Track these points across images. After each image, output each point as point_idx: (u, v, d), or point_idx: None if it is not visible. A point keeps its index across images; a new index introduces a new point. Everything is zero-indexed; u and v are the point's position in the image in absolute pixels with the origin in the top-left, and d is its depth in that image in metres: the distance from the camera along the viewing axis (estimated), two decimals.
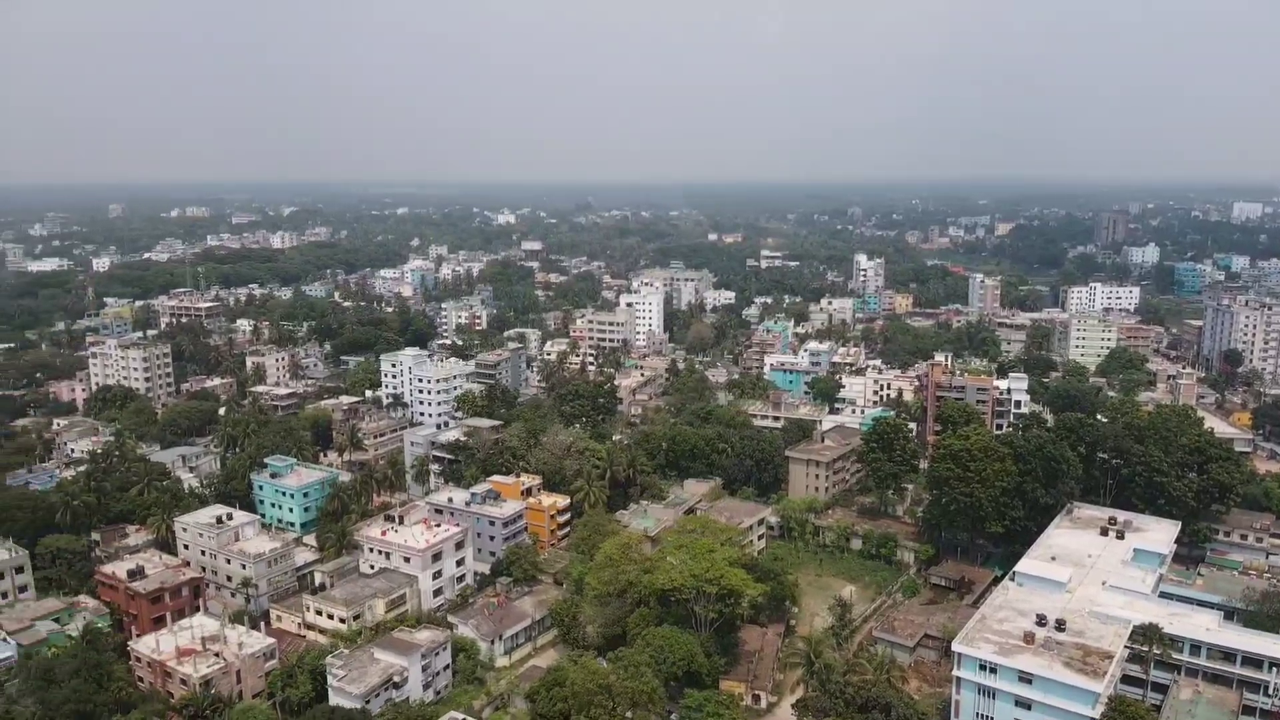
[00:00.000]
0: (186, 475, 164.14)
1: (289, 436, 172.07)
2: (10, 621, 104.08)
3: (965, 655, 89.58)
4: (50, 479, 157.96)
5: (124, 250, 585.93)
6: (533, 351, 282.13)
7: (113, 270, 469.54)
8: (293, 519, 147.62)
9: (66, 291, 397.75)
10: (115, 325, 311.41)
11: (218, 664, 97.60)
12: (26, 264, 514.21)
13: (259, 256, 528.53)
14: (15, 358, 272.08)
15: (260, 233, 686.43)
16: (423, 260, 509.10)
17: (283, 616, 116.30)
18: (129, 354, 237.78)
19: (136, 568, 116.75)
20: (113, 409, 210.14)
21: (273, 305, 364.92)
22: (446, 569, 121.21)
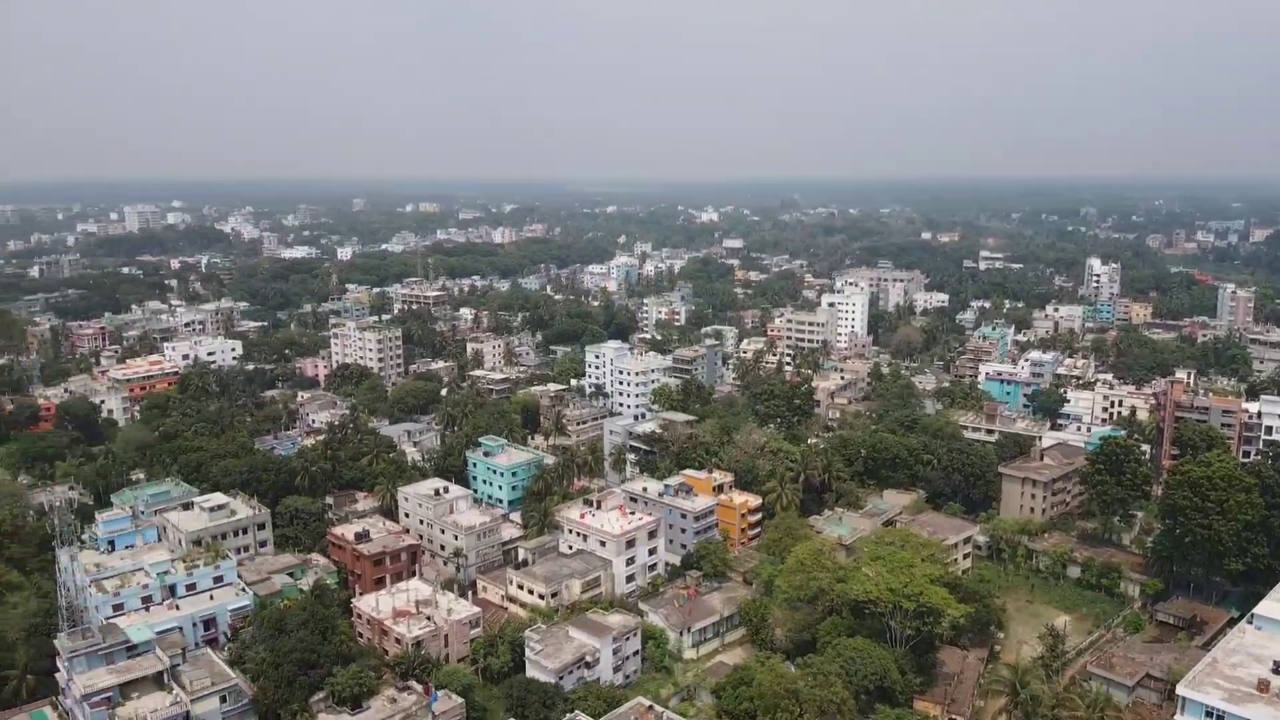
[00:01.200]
0: (410, 449, 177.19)
1: (501, 418, 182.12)
2: (251, 573, 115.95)
3: (1191, 700, 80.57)
4: (293, 446, 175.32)
5: (364, 241, 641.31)
6: (729, 349, 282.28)
7: (354, 259, 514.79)
8: (501, 496, 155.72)
9: (314, 277, 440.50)
10: (354, 309, 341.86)
11: (429, 627, 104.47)
12: (280, 251, 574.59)
13: (481, 250, 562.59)
14: (268, 336, 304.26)
15: (484, 228, 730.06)
16: (628, 257, 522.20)
17: (488, 587, 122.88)
18: (365, 336, 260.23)
19: (363, 531, 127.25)
20: (349, 385, 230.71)
21: (492, 296, 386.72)
22: (639, 557, 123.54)
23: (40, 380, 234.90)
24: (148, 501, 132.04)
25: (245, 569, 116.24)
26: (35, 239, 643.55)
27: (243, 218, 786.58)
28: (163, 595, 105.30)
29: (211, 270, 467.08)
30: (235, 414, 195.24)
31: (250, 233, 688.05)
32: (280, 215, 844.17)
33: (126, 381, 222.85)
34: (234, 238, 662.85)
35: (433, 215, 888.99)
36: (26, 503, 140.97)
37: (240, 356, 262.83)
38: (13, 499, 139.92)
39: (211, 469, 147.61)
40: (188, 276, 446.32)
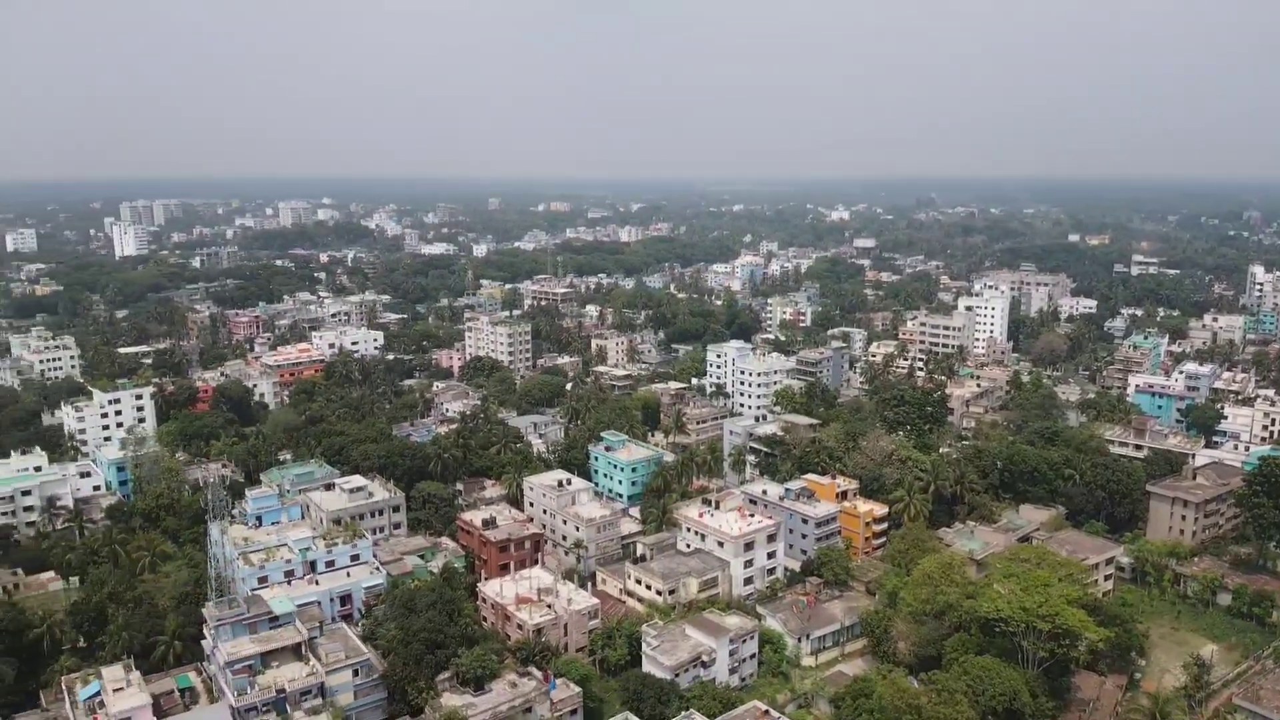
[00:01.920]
0: (536, 440, 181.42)
1: (623, 414, 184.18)
2: (385, 553, 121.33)
3: None
4: (427, 433, 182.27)
5: (499, 239, 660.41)
6: (856, 352, 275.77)
7: (489, 256, 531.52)
8: (621, 490, 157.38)
9: (451, 273, 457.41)
10: (487, 304, 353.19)
11: (549, 615, 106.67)
12: (421, 247, 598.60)
13: (608, 249, 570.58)
14: (408, 328, 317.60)
15: (610, 227, 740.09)
16: (753, 256, 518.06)
17: (607, 580, 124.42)
18: (497, 330, 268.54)
19: (490, 518, 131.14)
20: (481, 377, 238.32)
21: (616, 294, 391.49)
22: (758, 559, 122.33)
23: (199, 364, 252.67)
24: (293, 481, 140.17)
25: (380, 549, 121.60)
26: (197, 232, 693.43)
27: (386, 215, 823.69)
28: (304, 570, 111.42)
29: (357, 264, 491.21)
30: (375, 401, 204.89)
31: (393, 229, 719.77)
32: (421, 213, 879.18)
33: (277, 367, 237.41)
34: (378, 234, 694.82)
35: (563, 214, 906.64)
36: (183, 478, 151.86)
37: (381, 347, 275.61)
38: (171, 474, 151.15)
39: (352, 452, 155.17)
40: (335, 270, 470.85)
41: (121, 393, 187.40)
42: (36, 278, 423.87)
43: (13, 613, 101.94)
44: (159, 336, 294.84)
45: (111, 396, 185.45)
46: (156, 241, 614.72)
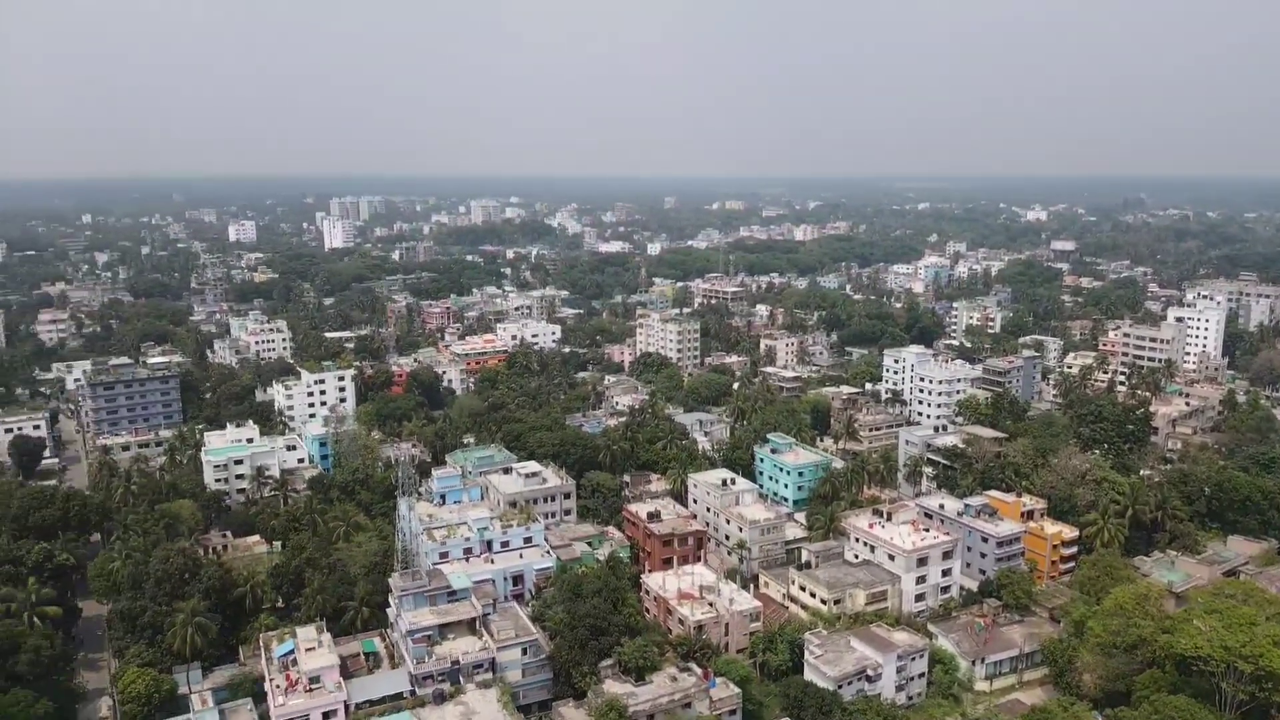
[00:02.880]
0: (701, 438, 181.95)
1: (790, 417, 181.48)
2: (555, 538, 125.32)
3: None
4: (598, 425, 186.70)
5: (672, 237, 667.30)
6: (1050, 362, 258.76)
7: (662, 254, 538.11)
8: (786, 494, 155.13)
9: (625, 270, 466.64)
10: (659, 301, 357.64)
11: (711, 613, 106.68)
12: (598, 245, 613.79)
13: (782, 248, 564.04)
14: (583, 323, 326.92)
15: (785, 225, 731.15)
16: (938, 256, 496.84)
17: (769, 584, 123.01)
18: (667, 327, 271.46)
19: (655, 511, 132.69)
20: (650, 372, 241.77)
21: (788, 293, 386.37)
22: (931, 576, 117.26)
23: (395, 350, 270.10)
24: (475, 463, 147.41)
25: (551, 533, 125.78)
26: (398, 227, 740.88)
27: (568, 214, 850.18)
28: (481, 549, 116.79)
29: (539, 261, 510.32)
30: (551, 391, 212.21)
31: (574, 227, 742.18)
32: (600, 211, 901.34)
33: (464, 356, 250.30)
34: (560, 232, 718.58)
35: (737, 212, 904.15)
36: (377, 455, 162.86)
37: (559, 340, 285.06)
38: (367, 451, 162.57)
39: (529, 439, 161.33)
40: (520, 266, 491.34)
41: (326, 374, 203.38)
42: (255, 266, 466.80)
43: (220, 572, 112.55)
44: (361, 323, 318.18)
45: (317, 377, 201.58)
46: (361, 235, 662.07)
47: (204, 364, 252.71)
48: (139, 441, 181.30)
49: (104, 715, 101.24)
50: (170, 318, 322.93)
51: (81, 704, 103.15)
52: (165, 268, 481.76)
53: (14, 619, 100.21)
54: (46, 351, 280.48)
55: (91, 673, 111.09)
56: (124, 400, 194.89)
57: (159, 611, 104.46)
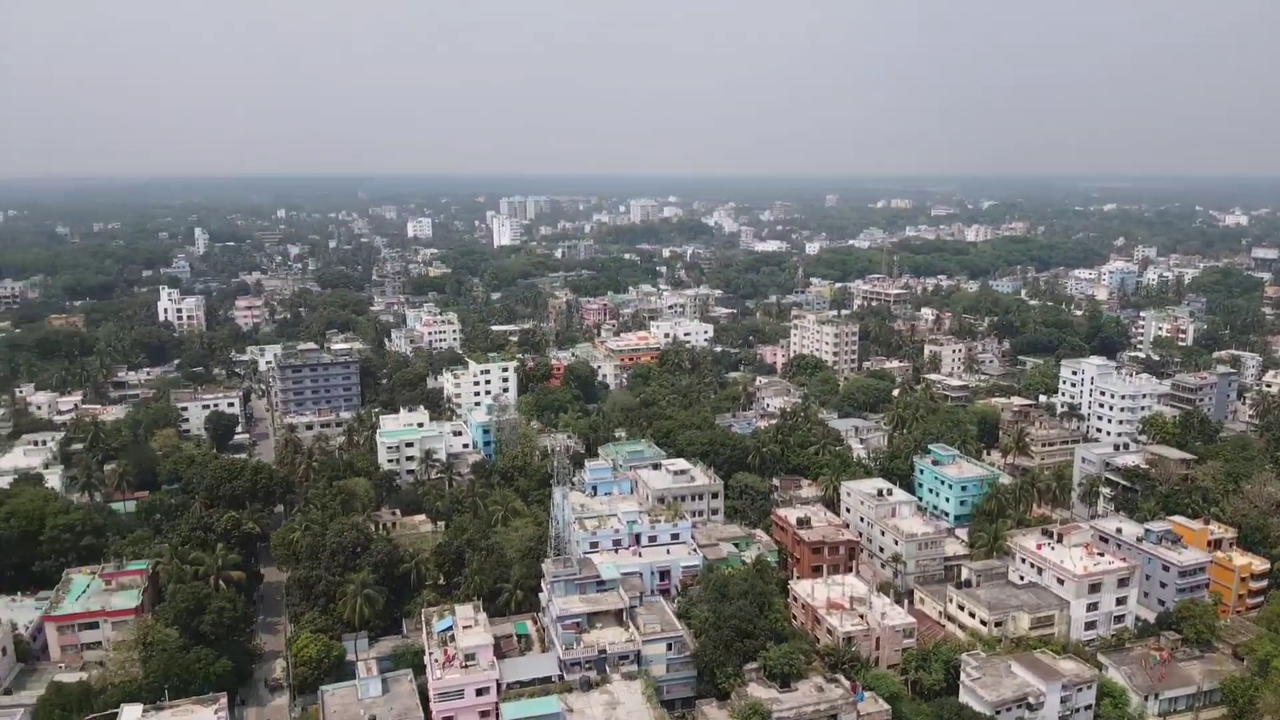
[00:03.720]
0: (856, 445, 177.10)
1: (955, 427, 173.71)
2: (702, 536, 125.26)
3: None
4: (748, 426, 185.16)
5: (832, 236, 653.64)
6: (1248, 380, 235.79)
7: (820, 254, 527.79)
8: (947, 509, 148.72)
9: (782, 269, 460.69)
10: (815, 302, 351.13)
11: (861, 626, 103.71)
12: (754, 244, 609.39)
13: (951, 249, 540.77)
14: (736, 322, 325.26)
15: (956, 225, 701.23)
16: (1124, 261, 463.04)
17: (925, 600, 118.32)
18: (823, 329, 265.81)
19: (804, 517, 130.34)
20: (803, 375, 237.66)
21: (957, 297, 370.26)
22: (1104, 604, 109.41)
23: (555, 344, 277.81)
24: (626, 457, 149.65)
25: (698, 531, 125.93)
26: (561, 226, 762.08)
27: (725, 212, 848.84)
28: (629, 541, 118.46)
29: (695, 260, 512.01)
30: (702, 390, 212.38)
31: (730, 226, 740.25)
32: (757, 210, 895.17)
33: (619, 352, 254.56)
34: (716, 230, 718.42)
35: (903, 211, 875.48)
36: (535, 444, 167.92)
37: (711, 339, 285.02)
38: (526, 440, 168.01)
39: (678, 437, 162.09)
40: (675, 265, 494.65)
41: (491, 365, 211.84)
42: (430, 261, 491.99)
43: (389, 547, 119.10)
44: (524, 318, 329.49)
45: (483, 367, 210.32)
46: (527, 233, 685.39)
47: (381, 351, 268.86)
48: (321, 421, 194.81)
49: (278, 676, 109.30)
50: (353, 307, 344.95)
51: (258, 664, 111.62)
52: (349, 260, 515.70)
53: (202, 581, 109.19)
54: (242, 335, 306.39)
55: (269, 635, 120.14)
56: (309, 382, 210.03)
57: (332, 581, 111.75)
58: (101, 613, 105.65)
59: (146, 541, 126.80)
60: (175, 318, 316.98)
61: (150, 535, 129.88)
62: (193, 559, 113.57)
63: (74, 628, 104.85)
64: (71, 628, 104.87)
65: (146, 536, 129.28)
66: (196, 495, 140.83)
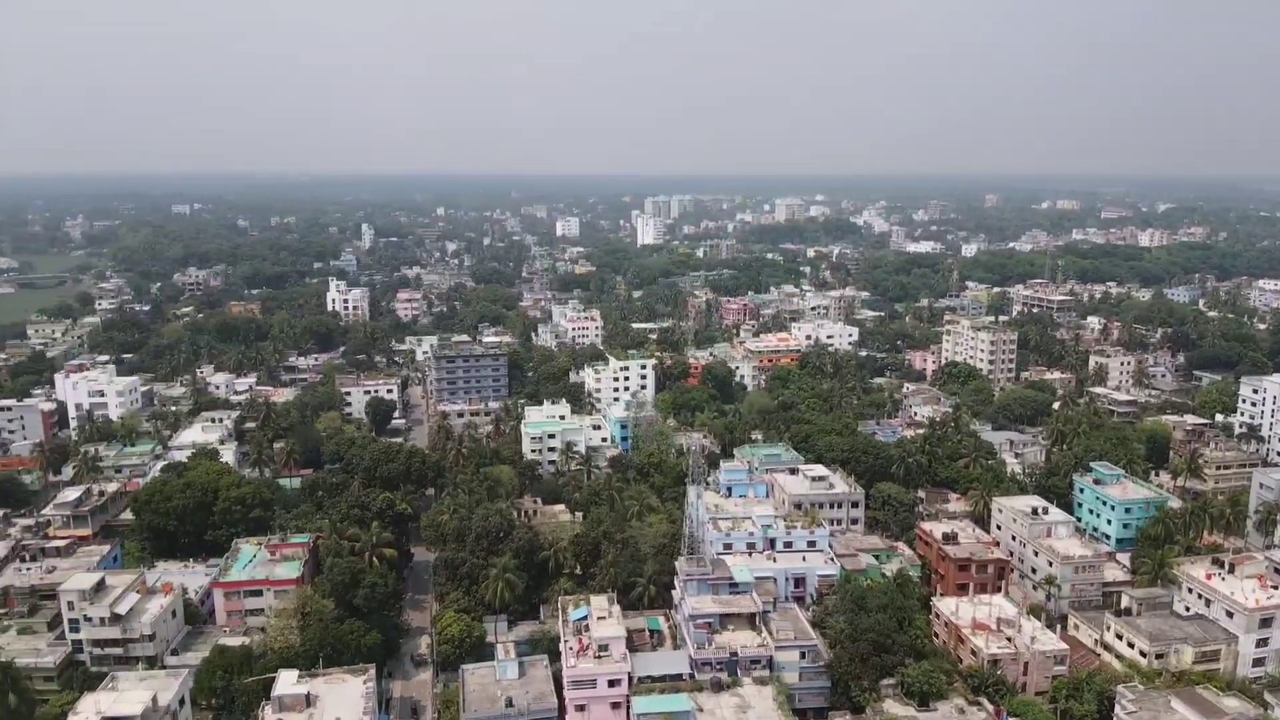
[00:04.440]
0: (1011, 459, 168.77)
1: (1120, 445, 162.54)
2: (840, 546, 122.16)
3: None
4: (893, 434, 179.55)
5: (991, 238, 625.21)
6: None
7: (978, 256, 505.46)
8: (1108, 531, 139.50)
9: (935, 272, 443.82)
10: (971, 307, 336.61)
11: (1008, 649, 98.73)
12: (906, 245, 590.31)
13: (1122, 254, 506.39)
14: (883, 326, 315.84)
15: (1128, 229, 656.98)
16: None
17: (1080, 626, 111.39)
18: (979, 335, 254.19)
19: (951, 533, 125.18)
20: (955, 383, 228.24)
21: (1127, 305, 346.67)
22: (1275, 640, 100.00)
23: (693, 343, 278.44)
24: (762, 460, 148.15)
25: (836, 540, 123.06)
26: (704, 225, 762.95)
27: (875, 211, 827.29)
28: (764, 546, 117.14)
29: (841, 260, 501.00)
30: (844, 395, 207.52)
31: (880, 226, 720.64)
32: (910, 210, 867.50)
33: (758, 353, 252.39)
34: (865, 230, 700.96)
35: (1070, 213, 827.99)
36: (671, 442, 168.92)
37: (855, 342, 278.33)
38: (662, 437, 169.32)
39: (818, 442, 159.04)
40: (820, 265, 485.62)
41: (631, 362, 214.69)
42: (576, 259, 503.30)
43: (530, 534, 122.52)
44: (664, 316, 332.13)
45: (623, 364, 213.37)
46: (670, 233, 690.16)
47: (529, 345, 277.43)
48: (471, 410, 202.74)
49: (423, 652, 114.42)
50: (503, 302, 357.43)
51: (405, 639, 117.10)
52: (502, 257, 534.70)
53: (357, 557, 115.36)
54: (402, 326, 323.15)
55: (416, 612, 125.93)
56: (461, 373, 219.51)
57: (476, 564, 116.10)
58: (265, 581, 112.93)
59: (309, 516, 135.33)
60: (342, 308, 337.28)
61: (312, 511, 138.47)
62: (350, 535, 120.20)
63: (240, 594, 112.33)
64: (237, 594, 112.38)
65: (309, 512, 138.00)
66: (355, 475, 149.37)
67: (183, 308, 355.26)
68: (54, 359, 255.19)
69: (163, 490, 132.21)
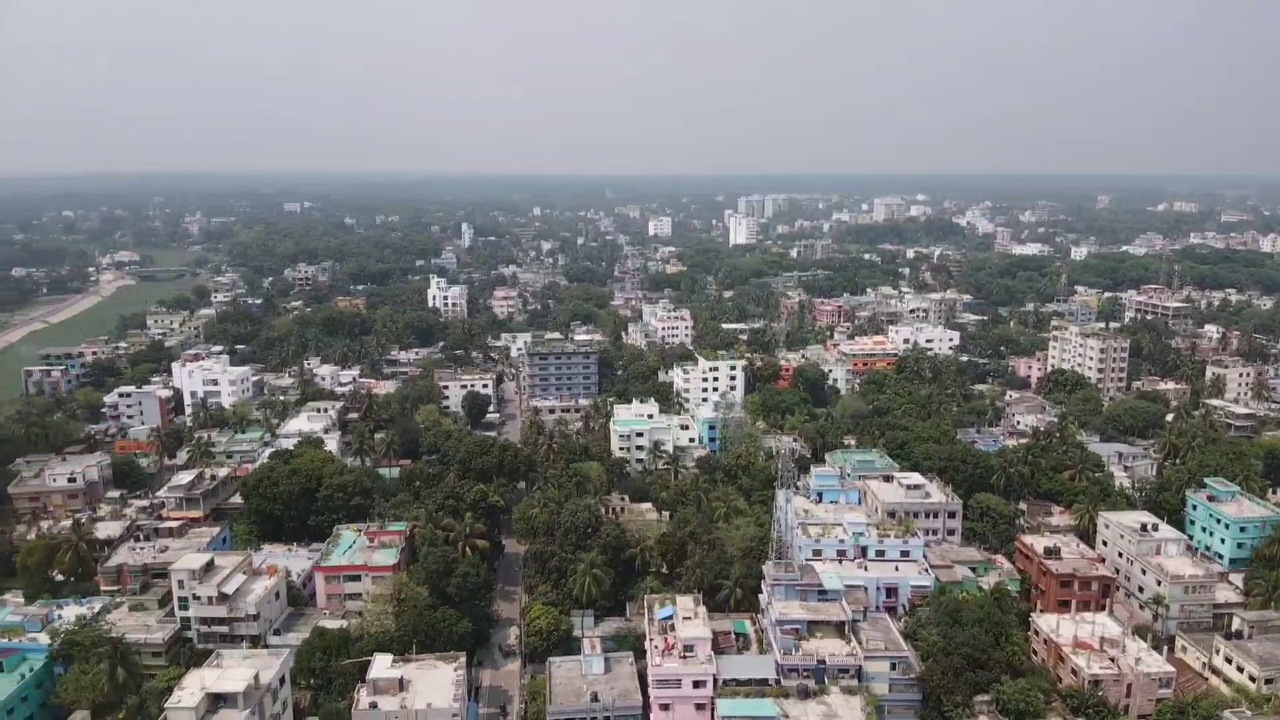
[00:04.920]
0: (1119, 473, 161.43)
1: (1237, 461, 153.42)
2: (935, 557, 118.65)
3: None
4: (994, 444, 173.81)
5: (1102, 241, 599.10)
6: None
7: (1088, 259, 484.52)
8: (1222, 551, 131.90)
9: (1042, 275, 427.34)
10: (1080, 312, 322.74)
11: (1111, 669, 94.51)
12: (1012, 247, 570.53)
13: (1243, 259, 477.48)
14: (986, 330, 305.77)
15: (1249, 233, 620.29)
16: None
17: (1188, 649, 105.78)
18: (1088, 342, 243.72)
19: (1053, 547, 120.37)
20: (1061, 392, 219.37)
21: (1248, 314, 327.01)
22: None
23: (785, 345, 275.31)
24: (854, 466, 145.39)
25: (930, 551, 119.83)
26: (799, 224, 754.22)
27: (980, 212, 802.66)
28: (855, 553, 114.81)
29: (942, 261, 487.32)
30: (943, 402, 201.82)
31: (985, 227, 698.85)
32: (1017, 210, 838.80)
33: (852, 356, 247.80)
34: (968, 231, 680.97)
35: (1188, 215, 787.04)
36: (760, 444, 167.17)
37: (956, 347, 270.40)
38: (751, 439, 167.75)
39: (914, 449, 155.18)
40: (920, 266, 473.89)
41: (720, 362, 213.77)
42: (668, 259, 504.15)
43: (617, 531, 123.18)
44: (755, 317, 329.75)
45: (712, 364, 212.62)
46: (763, 232, 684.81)
47: (619, 344, 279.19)
48: (562, 406, 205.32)
49: (511, 643, 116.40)
50: (595, 301, 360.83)
51: (494, 629, 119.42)
52: (594, 257, 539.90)
53: (451, 546, 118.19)
54: (498, 323, 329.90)
55: (505, 603, 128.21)
56: (553, 370, 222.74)
57: (564, 558, 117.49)
58: (364, 567, 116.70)
59: (406, 505, 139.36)
60: (442, 304, 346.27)
61: (410, 500, 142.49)
62: (444, 525, 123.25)
63: (339, 579, 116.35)
64: (337, 578, 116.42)
65: (406, 501, 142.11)
66: (451, 467, 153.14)
67: (292, 302, 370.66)
68: (172, 348, 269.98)
69: (270, 476, 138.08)
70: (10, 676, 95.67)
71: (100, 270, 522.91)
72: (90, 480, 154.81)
